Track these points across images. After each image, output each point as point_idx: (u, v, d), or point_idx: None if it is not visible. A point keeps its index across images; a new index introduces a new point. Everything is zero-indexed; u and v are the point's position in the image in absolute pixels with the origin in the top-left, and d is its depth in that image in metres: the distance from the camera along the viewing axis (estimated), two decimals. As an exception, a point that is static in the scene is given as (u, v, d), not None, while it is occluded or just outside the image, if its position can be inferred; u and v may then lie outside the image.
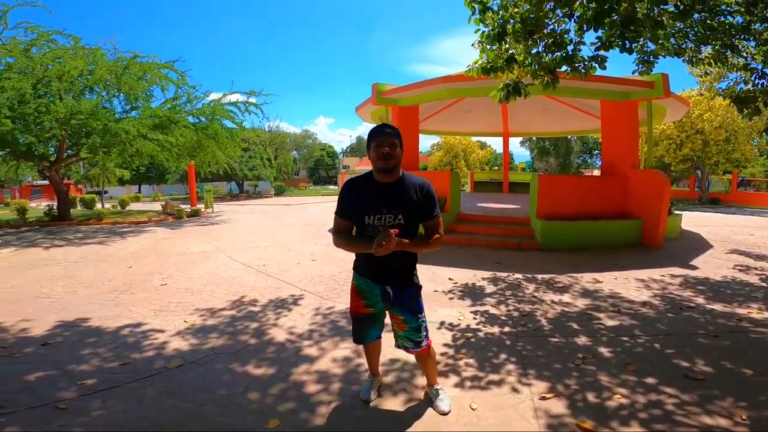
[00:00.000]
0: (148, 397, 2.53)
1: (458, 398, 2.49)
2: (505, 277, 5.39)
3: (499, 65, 4.13)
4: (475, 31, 4.00)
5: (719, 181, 23.27)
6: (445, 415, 2.31)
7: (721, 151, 18.36)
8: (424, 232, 2.17)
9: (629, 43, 3.62)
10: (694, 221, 11.40)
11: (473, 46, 4.31)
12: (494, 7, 3.89)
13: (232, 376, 2.81)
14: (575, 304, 4.30)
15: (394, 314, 2.26)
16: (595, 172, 37.21)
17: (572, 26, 3.82)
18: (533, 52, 4.08)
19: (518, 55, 4.13)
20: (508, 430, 2.20)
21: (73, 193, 25.04)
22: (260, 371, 2.86)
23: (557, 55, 3.96)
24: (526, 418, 2.30)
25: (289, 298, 4.59)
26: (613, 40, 3.63)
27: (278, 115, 70.18)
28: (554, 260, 6.38)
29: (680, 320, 3.85)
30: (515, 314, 3.98)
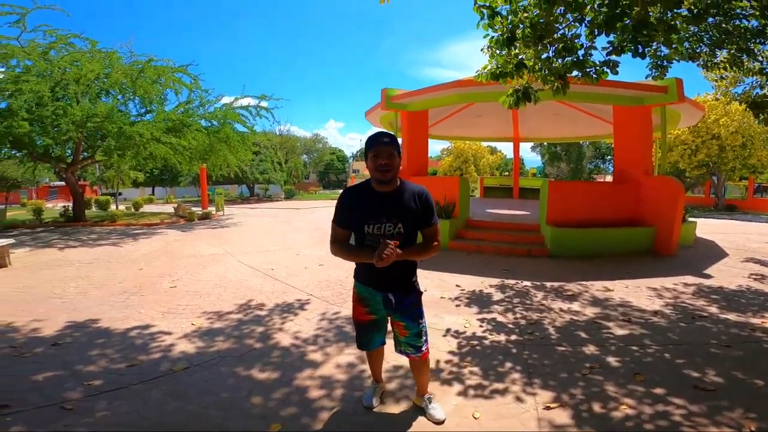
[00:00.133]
0: (152, 398, 2.55)
1: (461, 406, 2.46)
2: (513, 284, 5.33)
3: (508, 70, 4.10)
4: (484, 36, 3.97)
5: (735, 187, 22.78)
6: (441, 423, 2.29)
7: (737, 156, 18.01)
8: (422, 239, 2.18)
9: (642, 47, 3.56)
10: (708, 228, 11.16)
11: (482, 51, 4.30)
12: (503, 12, 3.87)
13: (236, 379, 2.82)
14: (584, 312, 4.23)
15: (395, 321, 2.26)
16: (607, 177, 36.70)
17: (583, 31, 3.78)
18: (543, 57, 4.05)
19: (528, 60, 4.10)
20: (511, 441, 2.17)
21: (88, 194, 25.57)
22: (264, 375, 2.87)
23: (568, 60, 3.92)
24: (529, 428, 2.27)
25: (295, 302, 4.61)
26: (625, 44, 3.57)
27: (289, 118, 70.74)
28: (564, 268, 6.29)
29: (692, 330, 3.77)
30: (522, 322, 3.93)
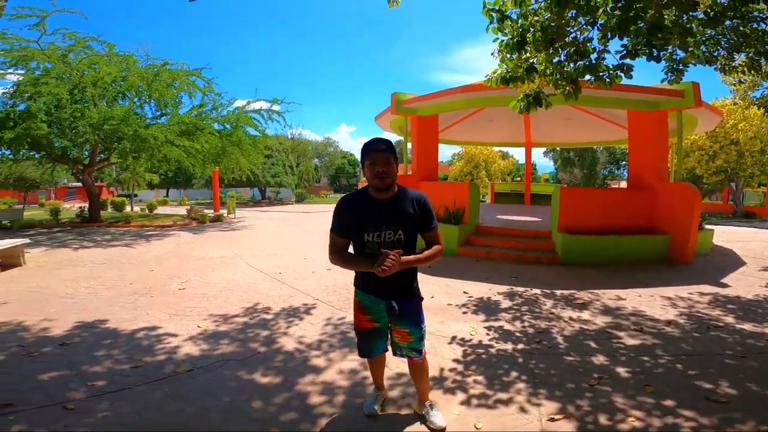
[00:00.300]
0: (154, 400, 2.56)
1: (463, 416, 2.41)
2: (522, 291, 5.24)
3: (518, 75, 4.04)
4: (493, 40, 3.94)
5: (754, 193, 22.14)
6: (441, 431, 2.24)
7: (756, 162, 17.50)
8: (424, 244, 2.15)
9: (657, 51, 3.49)
10: (726, 236, 10.86)
11: (493, 55, 4.26)
12: (513, 15, 3.82)
13: (238, 383, 2.82)
14: (594, 321, 4.13)
15: (398, 328, 2.23)
16: (622, 183, 36.08)
17: (595, 34, 3.72)
18: (555, 61, 3.98)
19: (539, 64, 4.04)
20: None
21: (104, 195, 26.09)
22: (266, 380, 2.85)
23: (580, 64, 3.85)
24: (534, 441, 2.20)
25: (301, 306, 4.59)
26: (639, 48, 3.50)
27: (301, 122, 71.17)
28: (575, 275, 6.17)
29: (706, 340, 3.66)
30: (530, 331, 3.85)
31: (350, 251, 2.18)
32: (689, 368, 3.07)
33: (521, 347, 3.45)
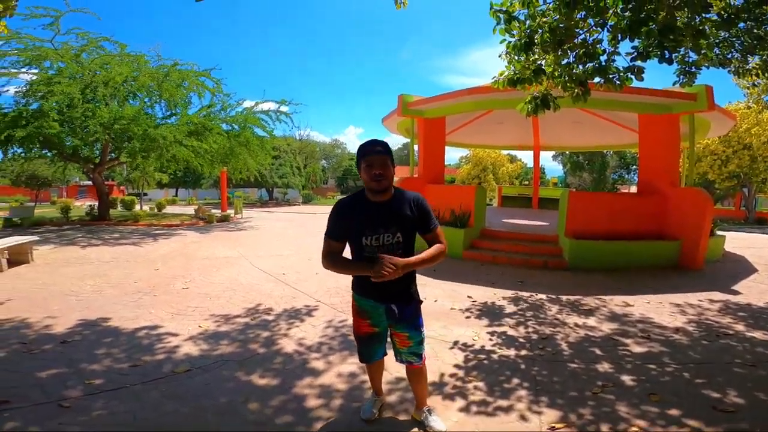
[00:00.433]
0: (150, 399, 2.55)
1: (462, 423, 2.36)
2: (527, 297, 5.15)
3: (526, 77, 3.99)
4: (500, 41, 3.88)
5: (767, 199, 21.74)
6: None
7: (769, 167, 17.18)
8: (427, 245, 2.10)
9: (669, 53, 3.41)
10: (738, 242, 10.65)
11: (500, 57, 4.20)
12: (520, 16, 3.77)
13: (235, 384, 2.79)
14: (601, 328, 4.04)
15: (397, 332, 2.20)
16: (632, 188, 35.63)
17: (605, 36, 3.65)
18: (563, 62, 3.92)
19: (547, 66, 3.98)
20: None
21: (115, 194, 26.43)
22: (264, 381, 2.83)
23: (589, 66, 3.78)
24: (535, 451, 2.14)
25: (303, 308, 4.57)
26: (650, 49, 3.42)
27: (309, 123, 71.64)
28: (582, 281, 6.07)
29: (715, 348, 3.57)
30: (534, 337, 3.78)
31: (346, 256, 2.15)
32: (697, 377, 2.99)
33: (524, 353, 3.39)
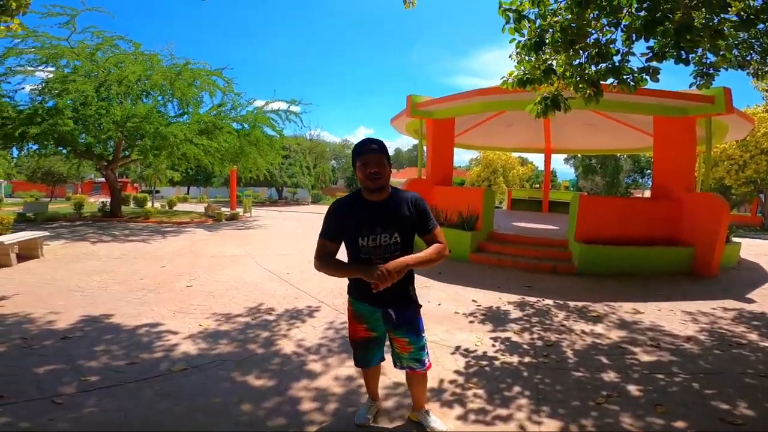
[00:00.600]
0: (144, 398, 2.52)
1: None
2: (533, 302, 5.04)
3: (536, 77, 3.89)
4: (510, 40, 3.80)
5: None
6: None
7: (789, 174, 16.69)
8: (426, 246, 2.03)
9: (686, 53, 3.28)
10: (754, 249, 10.33)
11: (510, 57, 4.11)
12: (531, 15, 3.68)
13: (231, 384, 2.76)
14: (608, 335, 3.92)
15: (397, 337, 2.13)
16: (646, 192, 34.96)
17: (619, 36, 3.53)
18: (575, 63, 3.81)
19: (558, 66, 3.88)
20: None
21: (128, 191, 26.84)
22: (260, 382, 2.79)
23: (602, 66, 3.67)
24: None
25: (305, 309, 4.53)
26: (666, 50, 3.29)
27: (319, 123, 71.91)
28: (591, 287, 5.93)
29: (727, 358, 3.44)
30: (539, 343, 3.67)
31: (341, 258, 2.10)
32: (706, 387, 2.88)
33: (527, 360, 3.29)
